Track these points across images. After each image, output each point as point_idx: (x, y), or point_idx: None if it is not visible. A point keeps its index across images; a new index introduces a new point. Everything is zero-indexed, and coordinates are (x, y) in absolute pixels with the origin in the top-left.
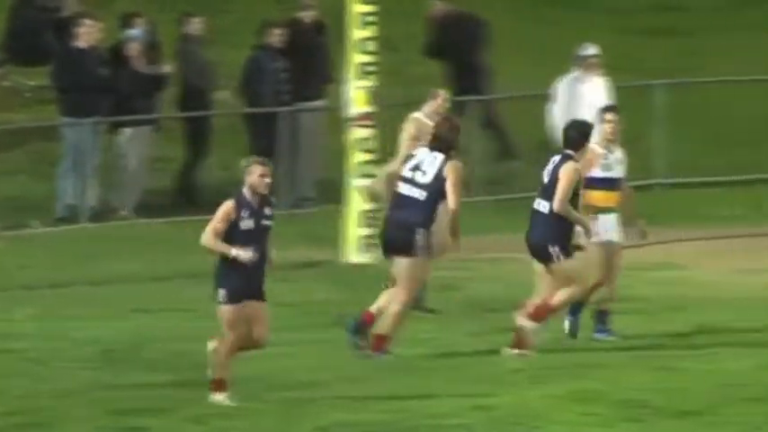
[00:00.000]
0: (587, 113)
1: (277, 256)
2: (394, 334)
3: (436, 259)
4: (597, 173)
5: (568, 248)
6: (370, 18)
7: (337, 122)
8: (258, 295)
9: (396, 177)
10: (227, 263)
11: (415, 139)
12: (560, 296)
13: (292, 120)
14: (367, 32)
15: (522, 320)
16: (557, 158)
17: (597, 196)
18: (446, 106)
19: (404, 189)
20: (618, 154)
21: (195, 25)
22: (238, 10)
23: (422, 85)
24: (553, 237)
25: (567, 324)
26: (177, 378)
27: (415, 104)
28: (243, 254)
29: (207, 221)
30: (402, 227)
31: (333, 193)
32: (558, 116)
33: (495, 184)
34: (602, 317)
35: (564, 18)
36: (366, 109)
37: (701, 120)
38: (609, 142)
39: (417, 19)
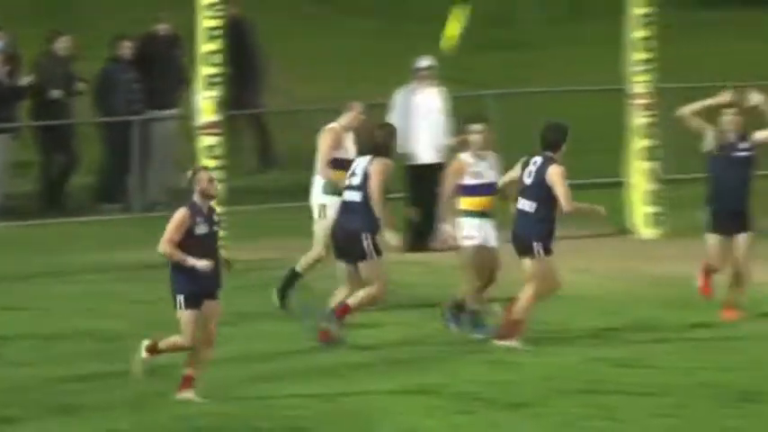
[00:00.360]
0: (422, 122)
1: (228, 255)
2: (356, 313)
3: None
4: (468, 181)
5: (551, 248)
6: (217, 32)
7: (189, 130)
8: (213, 295)
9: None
10: (182, 268)
11: (333, 150)
12: (527, 296)
13: (145, 128)
14: (213, 46)
15: (500, 343)
16: (538, 160)
17: (471, 202)
18: (362, 118)
19: (346, 194)
20: (490, 160)
21: (62, 43)
22: (100, 26)
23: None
24: (538, 234)
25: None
26: (39, 372)
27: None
28: (200, 264)
29: (68, 224)
30: (348, 235)
31: (184, 198)
32: (396, 124)
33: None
34: (470, 315)
35: (415, 32)
36: (213, 118)
37: (531, 129)
38: (478, 152)
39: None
